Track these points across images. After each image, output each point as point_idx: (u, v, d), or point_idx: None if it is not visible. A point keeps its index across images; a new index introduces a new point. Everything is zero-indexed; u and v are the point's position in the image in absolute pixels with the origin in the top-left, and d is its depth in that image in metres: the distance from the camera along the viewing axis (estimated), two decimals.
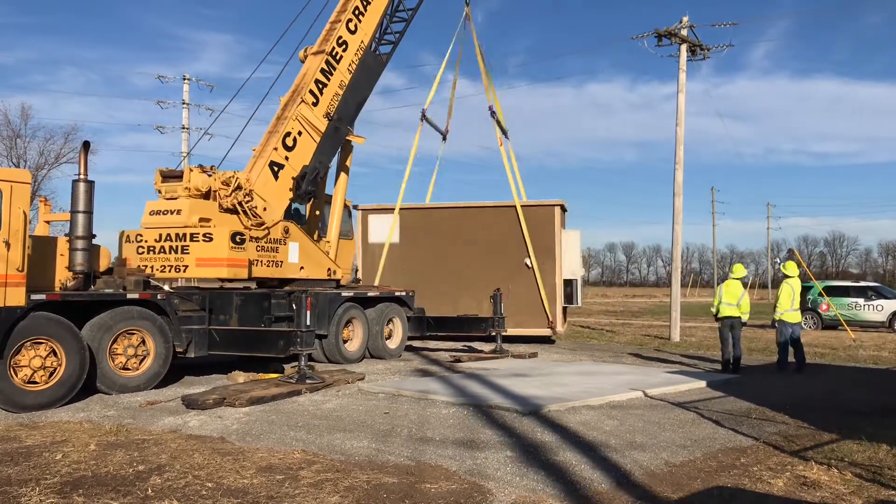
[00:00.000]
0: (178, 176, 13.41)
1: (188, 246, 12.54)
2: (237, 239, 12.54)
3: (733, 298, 14.08)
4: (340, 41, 15.72)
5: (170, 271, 12.65)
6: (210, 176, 13.19)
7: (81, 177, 10.90)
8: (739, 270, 14.47)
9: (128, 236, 13.24)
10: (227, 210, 13.10)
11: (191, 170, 13.10)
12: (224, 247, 12.39)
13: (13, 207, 9.31)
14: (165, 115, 77.80)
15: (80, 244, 10.73)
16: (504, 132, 21.79)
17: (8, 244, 9.21)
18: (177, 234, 12.65)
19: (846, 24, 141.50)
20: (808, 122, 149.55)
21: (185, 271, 12.62)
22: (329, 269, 15.14)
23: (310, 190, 14.74)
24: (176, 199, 13.06)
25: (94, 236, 11.06)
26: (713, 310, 14.44)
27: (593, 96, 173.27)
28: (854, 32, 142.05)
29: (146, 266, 12.57)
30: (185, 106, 42.00)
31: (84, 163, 11.00)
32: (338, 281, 15.42)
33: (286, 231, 14.07)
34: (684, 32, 32.73)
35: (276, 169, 14.30)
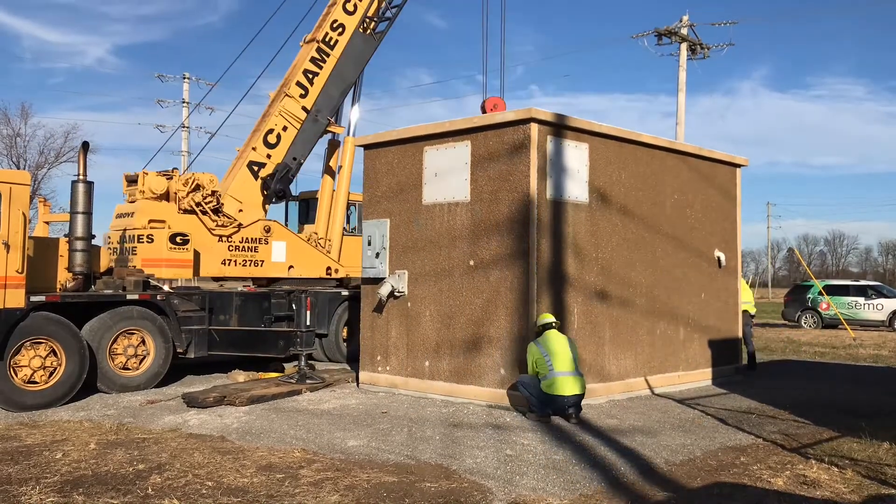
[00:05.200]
0: (132, 180, 13.51)
1: (136, 247, 12.70)
2: (177, 240, 12.56)
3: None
4: (335, 25, 15.10)
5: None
6: (170, 179, 13.19)
7: (81, 177, 10.91)
8: None
9: (105, 237, 13.45)
10: (187, 211, 13.10)
11: (146, 173, 13.17)
12: (163, 248, 12.41)
13: (12, 209, 9.32)
14: (167, 114, 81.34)
15: (79, 245, 10.74)
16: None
17: (7, 246, 9.21)
18: (130, 236, 12.81)
19: (838, 44, 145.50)
20: (806, 137, 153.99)
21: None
22: (329, 268, 15.10)
23: (279, 189, 14.45)
24: (134, 202, 13.22)
25: (93, 237, 11.07)
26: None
27: (592, 94, 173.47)
28: (846, 51, 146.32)
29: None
30: (185, 105, 41.96)
31: (83, 163, 11.01)
32: (340, 280, 15.34)
33: (267, 230, 14.06)
34: (684, 31, 32.75)
35: (255, 168, 14.29)
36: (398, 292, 10.69)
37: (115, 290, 11.06)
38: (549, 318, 9.13)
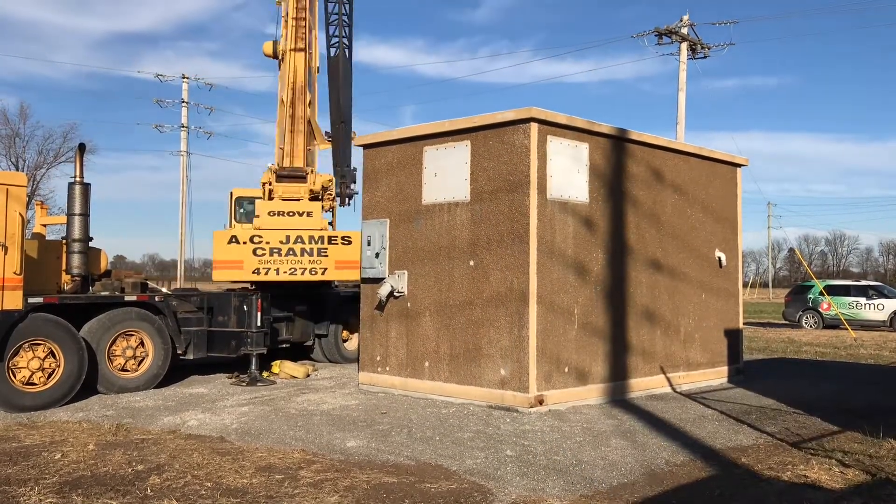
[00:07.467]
0: (299, 176, 13.42)
1: (326, 249, 12.71)
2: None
3: None
4: None
5: (303, 273, 12.68)
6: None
7: (77, 179, 10.89)
8: None
9: (234, 237, 12.55)
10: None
11: (311, 171, 13.34)
12: (359, 251, 11.99)
13: (9, 210, 9.29)
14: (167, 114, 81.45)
15: (76, 247, 10.72)
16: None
17: (5, 247, 9.18)
18: (311, 237, 12.63)
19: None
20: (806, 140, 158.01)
21: (323, 274, 12.81)
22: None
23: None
24: (299, 200, 13.20)
25: (90, 239, 11.05)
26: None
27: (592, 94, 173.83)
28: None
29: (267, 268, 12.46)
30: (184, 105, 41.95)
31: (80, 165, 10.99)
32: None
33: None
34: (685, 31, 32.72)
35: None
36: (398, 292, 10.66)
37: (113, 292, 11.04)
38: None
